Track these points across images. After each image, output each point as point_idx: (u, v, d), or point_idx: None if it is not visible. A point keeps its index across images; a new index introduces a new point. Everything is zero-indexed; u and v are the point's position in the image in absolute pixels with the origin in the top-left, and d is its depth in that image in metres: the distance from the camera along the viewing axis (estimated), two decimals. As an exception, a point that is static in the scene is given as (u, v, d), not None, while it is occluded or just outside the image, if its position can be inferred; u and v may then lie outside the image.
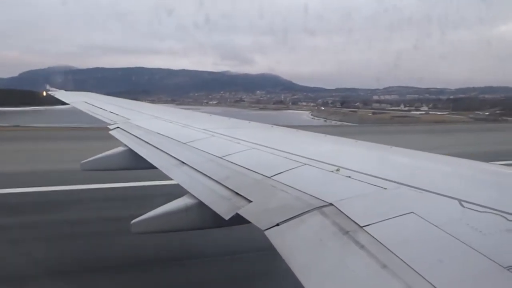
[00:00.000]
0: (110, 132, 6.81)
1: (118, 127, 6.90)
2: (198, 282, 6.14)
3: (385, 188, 2.58)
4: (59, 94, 14.06)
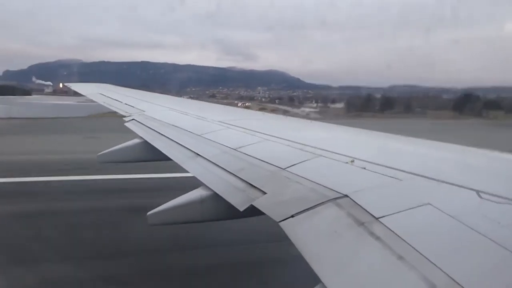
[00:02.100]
0: (126, 124, 6.90)
1: (133, 119, 6.99)
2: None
3: (401, 179, 2.56)
4: (75, 86, 14.25)
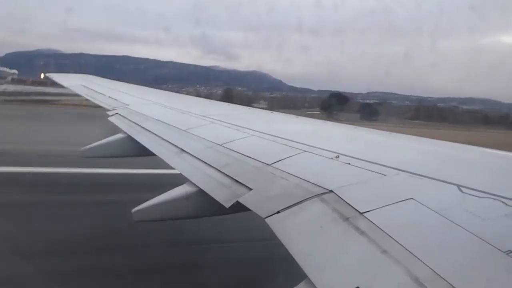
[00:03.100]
0: (109, 118, 6.76)
1: (117, 113, 6.86)
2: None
3: (385, 175, 2.60)
4: (57, 77, 13.76)
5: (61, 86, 12.31)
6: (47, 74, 15.83)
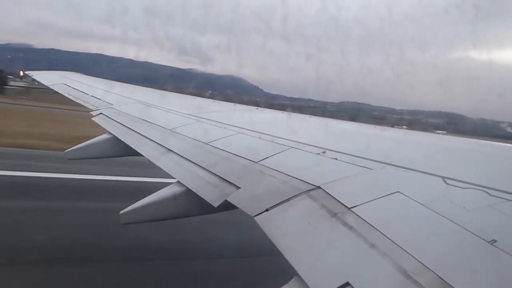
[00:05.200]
0: (93, 119, 6.60)
1: (101, 113, 6.71)
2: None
3: (371, 169, 2.61)
4: (37, 74, 13.17)
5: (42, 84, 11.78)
6: (26, 72, 15.07)
